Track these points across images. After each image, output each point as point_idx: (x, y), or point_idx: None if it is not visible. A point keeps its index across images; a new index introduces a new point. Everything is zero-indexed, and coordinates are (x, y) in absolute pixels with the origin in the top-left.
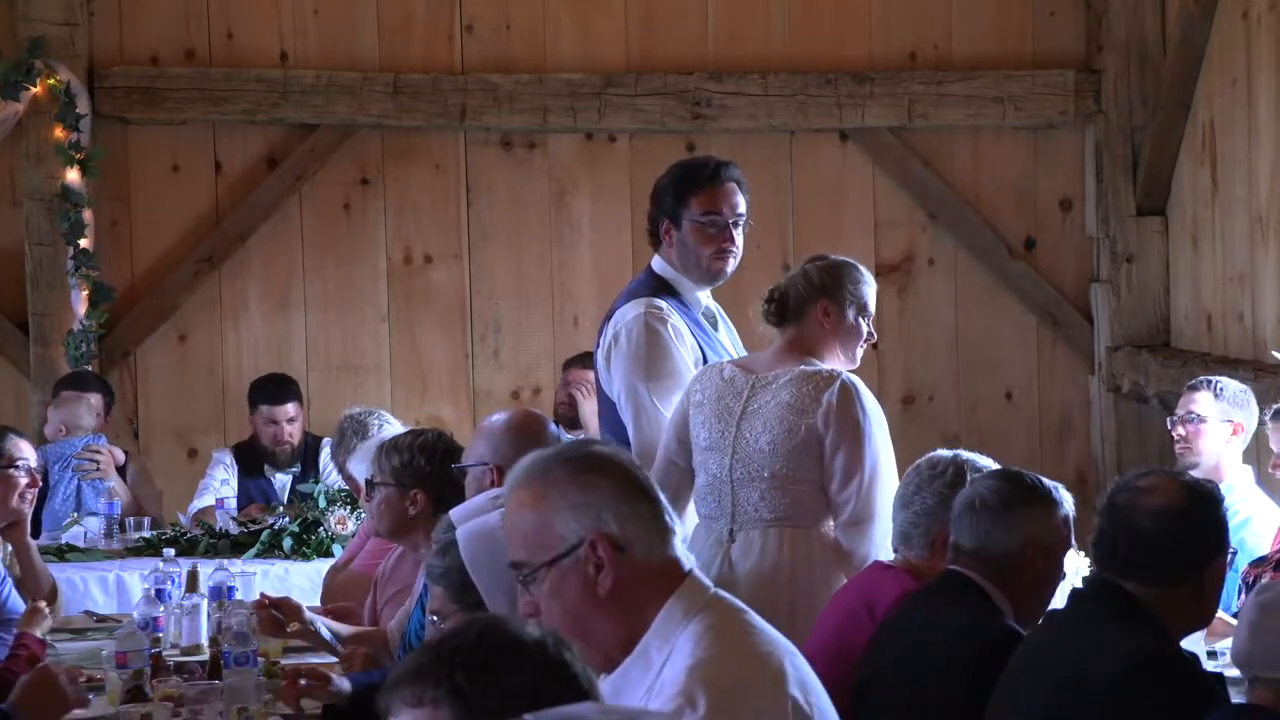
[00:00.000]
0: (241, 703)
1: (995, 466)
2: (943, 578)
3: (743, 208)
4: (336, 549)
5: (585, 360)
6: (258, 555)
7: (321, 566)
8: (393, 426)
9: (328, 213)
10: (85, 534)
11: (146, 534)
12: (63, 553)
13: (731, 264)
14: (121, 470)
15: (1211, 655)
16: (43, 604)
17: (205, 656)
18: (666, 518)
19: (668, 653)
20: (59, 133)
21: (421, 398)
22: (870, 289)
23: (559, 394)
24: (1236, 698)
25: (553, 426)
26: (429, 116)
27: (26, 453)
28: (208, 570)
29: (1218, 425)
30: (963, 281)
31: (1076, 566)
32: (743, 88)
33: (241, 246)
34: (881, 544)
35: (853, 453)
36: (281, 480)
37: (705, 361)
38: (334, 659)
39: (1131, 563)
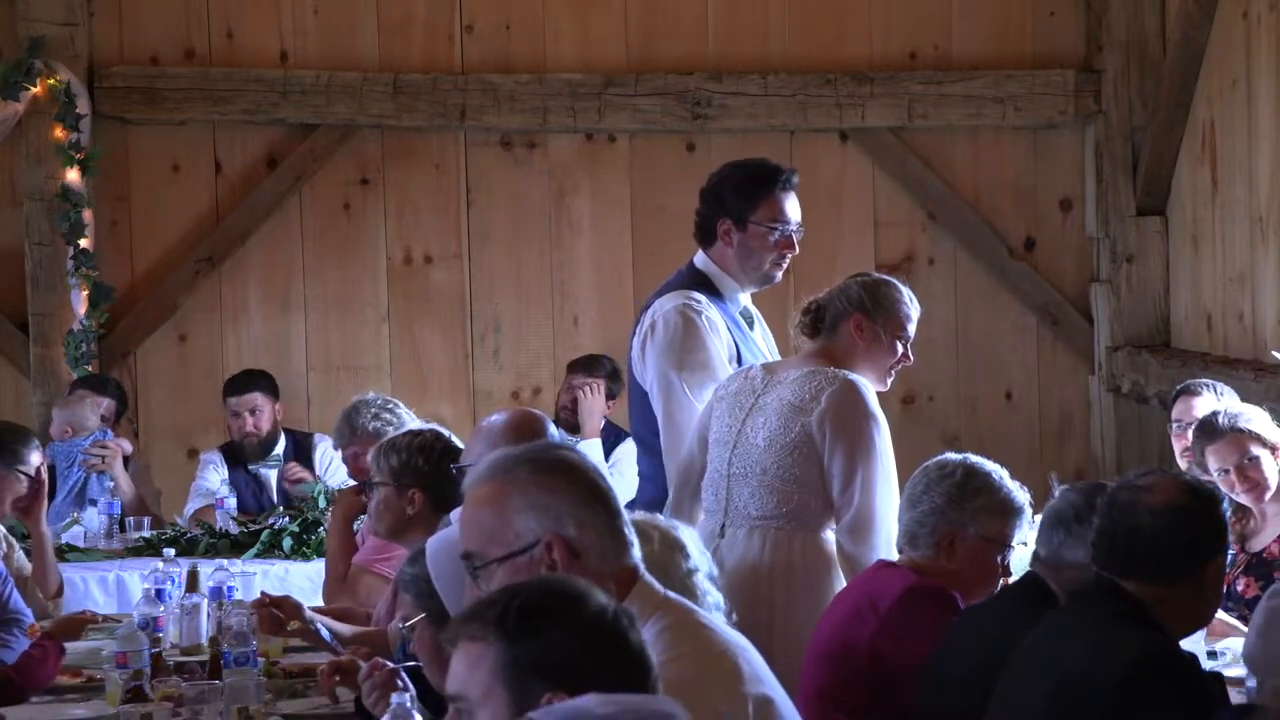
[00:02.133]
0: (241, 703)
1: (1001, 471)
2: (1024, 579)
3: (800, 216)
4: None
5: (589, 364)
6: (258, 555)
7: (321, 566)
8: (396, 416)
9: (328, 213)
10: (85, 534)
11: (146, 534)
12: (63, 553)
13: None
14: (125, 463)
15: (1212, 655)
16: (88, 612)
17: (205, 656)
18: (625, 529)
19: None
20: (59, 133)
21: (421, 398)
22: (909, 310)
23: (561, 397)
24: (1236, 698)
25: (552, 427)
26: (429, 116)
27: (35, 464)
28: (208, 570)
29: None
30: (963, 281)
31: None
32: (743, 88)
33: (241, 246)
34: (884, 550)
35: (851, 456)
36: (265, 474)
37: (739, 358)
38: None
39: (1131, 562)
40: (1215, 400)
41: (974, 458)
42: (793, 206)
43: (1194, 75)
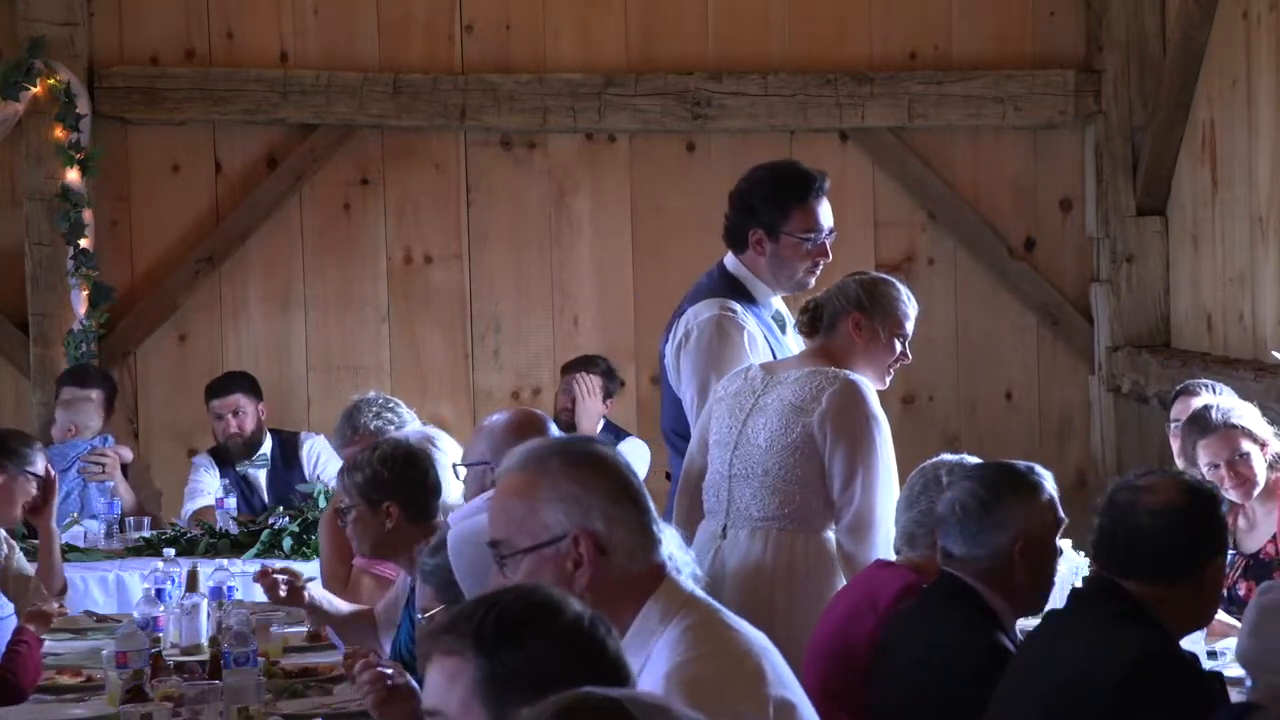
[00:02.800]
0: (241, 703)
1: None
2: (939, 583)
3: (832, 220)
4: None
5: (584, 364)
6: (258, 555)
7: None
8: (398, 415)
9: (328, 213)
10: (85, 534)
11: (146, 534)
12: (63, 553)
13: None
14: (124, 470)
15: (1212, 655)
16: (54, 606)
17: (205, 656)
18: (654, 526)
19: (645, 657)
20: (59, 133)
21: (421, 398)
22: (908, 309)
23: (559, 399)
24: (1236, 697)
25: (554, 426)
26: (429, 116)
27: (41, 468)
28: (208, 570)
29: None
30: (963, 281)
31: (1077, 566)
32: (743, 88)
33: (241, 246)
34: (884, 550)
35: (851, 455)
36: (254, 474)
37: None
38: (336, 658)
39: (1131, 562)
40: (1214, 400)
41: (970, 458)
42: (826, 213)
43: (1194, 75)
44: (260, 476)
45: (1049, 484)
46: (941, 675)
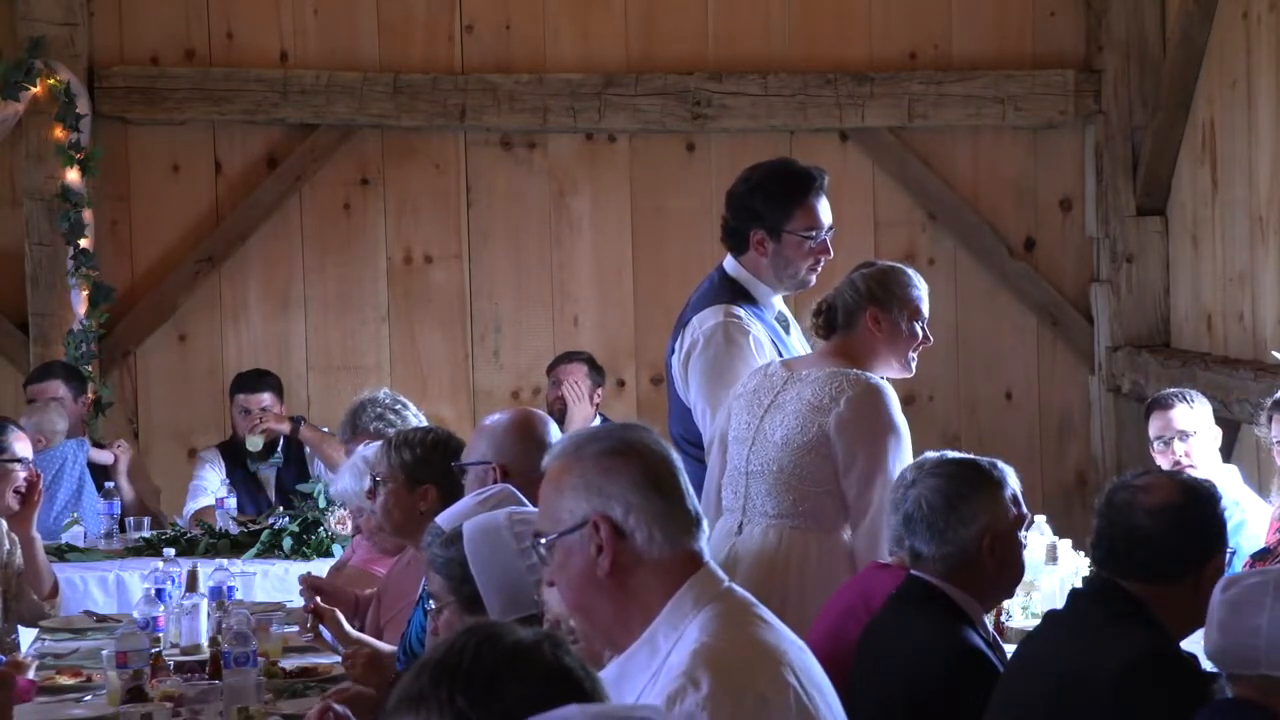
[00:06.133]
0: (241, 703)
1: None
2: (906, 585)
3: (832, 216)
4: (336, 549)
5: (565, 358)
6: (258, 555)
7: (321, 567)
8: (401, 417)
9: (328, 213)
10: (85, 534)
11: (146, 534)
12: (63, 553)
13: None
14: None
15: None
16: (28, 669)
17: (205, 656)
18: (687, 512)
19: (675, 639)
20: (59, 133)
21: (421, 398)
22: (920, 291)
23: (549, 392)
24: None
25: (555, 428)
26: (429, 116)
27: (23, 451)
28: (208, 570)
29: (1206, 434)
30: (963, 281)
31: (1077, 566)
32: (743, 88)
33: (241, 246)
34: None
35: (869, 462)
36: (265, 472)
37: None
38: (336, 659)
39: (1130, 562)
40: (1189, 410)
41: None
42: (825, 210)
43: (1194, 75)
44: (271, 476)
45: (1012, 479)
46: (915, 682)
